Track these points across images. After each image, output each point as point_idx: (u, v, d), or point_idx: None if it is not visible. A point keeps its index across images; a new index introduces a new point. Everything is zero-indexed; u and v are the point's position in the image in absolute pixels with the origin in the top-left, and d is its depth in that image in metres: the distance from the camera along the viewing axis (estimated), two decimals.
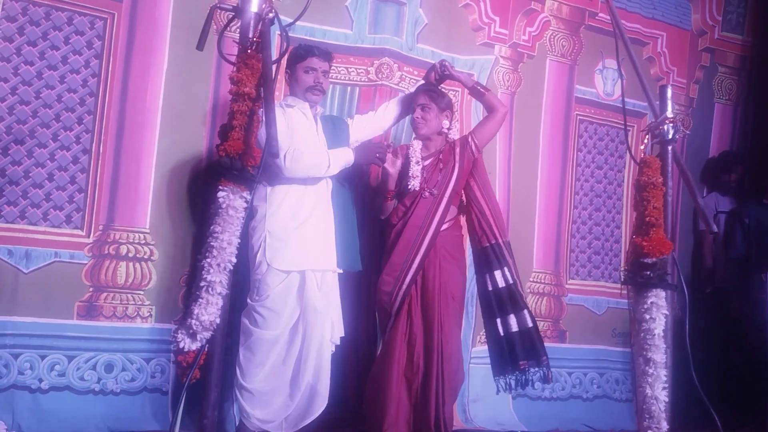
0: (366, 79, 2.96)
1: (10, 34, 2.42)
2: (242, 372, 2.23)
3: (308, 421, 2.26)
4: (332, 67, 2.52)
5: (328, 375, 2.28)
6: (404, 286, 2.43)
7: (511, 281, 2.47)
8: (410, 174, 2.48)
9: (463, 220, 2.62)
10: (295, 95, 2.40)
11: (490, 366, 2.44)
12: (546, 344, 2.50)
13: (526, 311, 2.46)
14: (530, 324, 2.45)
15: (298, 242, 2.25)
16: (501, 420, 2.96)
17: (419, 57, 3.06)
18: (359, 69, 2.96)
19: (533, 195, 3.35)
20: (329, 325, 2.31)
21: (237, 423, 2.38)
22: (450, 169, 2.51)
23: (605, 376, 3.37)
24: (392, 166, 2.44)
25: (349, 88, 2.95)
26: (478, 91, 2.57)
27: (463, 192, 2.60)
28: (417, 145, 2.54)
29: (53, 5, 2.48)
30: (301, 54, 2.36)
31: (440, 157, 2.54)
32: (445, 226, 2.50)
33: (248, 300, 2.26)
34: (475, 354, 3.03)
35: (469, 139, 2.55)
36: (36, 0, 2.45)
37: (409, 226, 2.47)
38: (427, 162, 2.54)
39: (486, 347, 3.00)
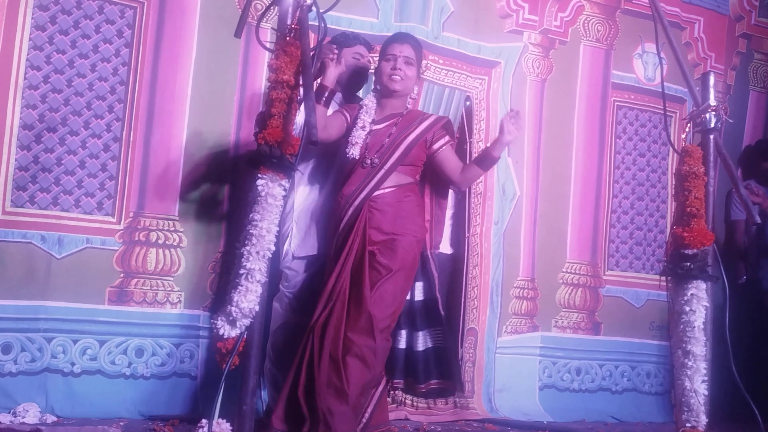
0: None
1: (42, 23, 2.44)
2: (271, 357, 2.25)
3: None
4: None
5: None
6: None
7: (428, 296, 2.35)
8: (350, 140, 2.13)
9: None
10: None
11: (516, 356, 2.38)
12: (579, 336, 2.45)
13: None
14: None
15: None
16: (527, 410, 2.94)
17: (445, 45, 3.02)
18: None
19: (567, 183, 3.25)
20: None
21: (264, 408, 2.40)
22: (403, 137, 2.14)
23: (637, 369, 3.28)
24: (334, 66, 2.08)
25: (373, 77, 2.91)
26: (490, 160, 2.19)
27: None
28: (371, 104, 2.17)
29: None
30: (348, 42, 2.35)
31: (397, 121, 2.17)
32: (386, 190, 2.12)
33: (280, 286, 2.29)
34: (501, 344, 3.00)
35: (436, 130, 2.18)
36: None
37: (339, 196, 2.16)
38: (377, 126, 2.18)
39: (511, 337, 3.02)
